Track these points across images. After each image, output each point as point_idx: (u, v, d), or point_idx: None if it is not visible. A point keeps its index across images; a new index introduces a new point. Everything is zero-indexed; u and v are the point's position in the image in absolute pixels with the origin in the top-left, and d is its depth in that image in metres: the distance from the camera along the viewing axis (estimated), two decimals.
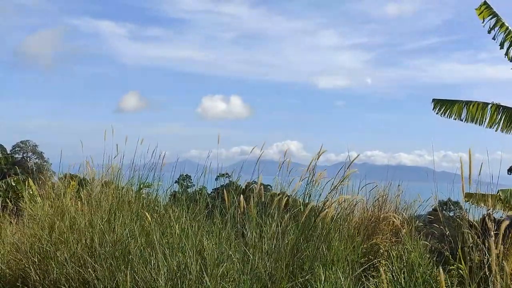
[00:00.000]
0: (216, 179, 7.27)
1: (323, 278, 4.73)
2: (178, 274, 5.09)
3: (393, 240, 6.12)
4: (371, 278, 5.23)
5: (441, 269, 3.42)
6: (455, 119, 11.25)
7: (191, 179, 8.02)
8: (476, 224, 4.97)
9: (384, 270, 5.20)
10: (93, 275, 5.81)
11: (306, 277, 4.91)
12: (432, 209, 7.49)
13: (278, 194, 5.59)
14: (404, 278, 5.02)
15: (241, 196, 5.62)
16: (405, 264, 5.30)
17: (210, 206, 6.54)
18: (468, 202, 6.09)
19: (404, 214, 6.59)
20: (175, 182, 8.09)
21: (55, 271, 6.49)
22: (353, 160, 5.29)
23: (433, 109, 11.49)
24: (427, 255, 5.49)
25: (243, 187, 6.65)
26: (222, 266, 5.05)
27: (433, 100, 11.62)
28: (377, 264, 5.37)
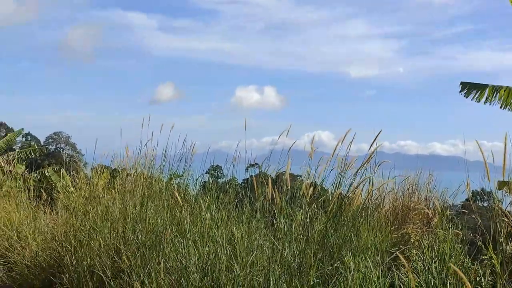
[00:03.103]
0: (246, 169, 7.33)
1: (352, 267, 4.77)
2: (209, 262, 5.19)
3: (424, 229, 6.12)
4: (401, 268, 5.24)
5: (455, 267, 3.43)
6: (485, 103, 11.06)
7: (221, 170, 8.10)
8: (509, 214, 4.96)
9: (414, 259, 5.24)
10: (127, 263, 5.95)
11: (335, 266, 4.96)
12: (465, 199, 7.45)
13: (307, 183, 5.64)
14: (435, 268, 5.02)
15: (271, 185, 5.67)
16: (436, 254, 5.30)
17: (240, 196, 6.62)
18: (502, 191, 6.05)
19: (435, 203, 6.57)
20: (205, 173, 8.18)
21: (88, 259, 6.67)
22: (375, 149, 5.28)
23: (460, 92, 11.33)
24: (459, 245, 5.47)
25: (273, 177, 6.71)
26: (252, 254, 5.12)
27: (461, 83, 11.46)
28: (408, 254, 5.38)
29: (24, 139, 66.94)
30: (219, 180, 8.83)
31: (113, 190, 7.81)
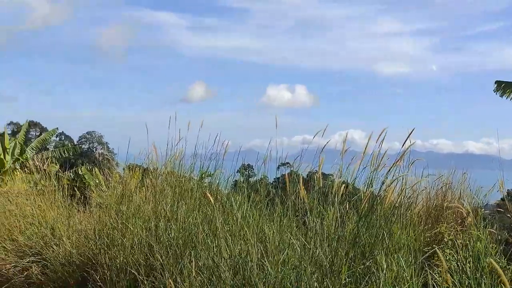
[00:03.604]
0: (278, 168, 7.35)
1: (384, 266, 4.75)
2: (240, 261, 5.22)
3: (458, 229, 6.06)
4: (435, 267, 5.20)
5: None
6: None
7: (252, 169, 8.14)
8: None
9: (448, 259, 5.19)
10: (160, 260, 6.02)
11: (367, 265, 4.94)
12: (500, 198, 7.35)
13: (339, 182, 5.63)
14: (469, 268, 4.97)
15: (302, 184, 5.68)
16: (470, 253, 5.24)
17: (271, 194, 6.64)
18: None
19: (469, 202, 6.50)
20: (236, 172, 8.23)
21: (121, 257, 6.76)
22: (407, 148, 5.26)
23: (494, 91, 11.17)
24: (493, 244, 5.41)
25: (304, 176, 6.71)
26: (283, 253, 5.14)
27: (496, 82, 11.30)
28: (439, 255, 5.34)
29: (58, 138, 68.22)
30: (250, 179, 8.87)
31: (145, 189, 7.90)
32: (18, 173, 15.17)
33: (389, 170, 5.42)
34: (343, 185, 5.56)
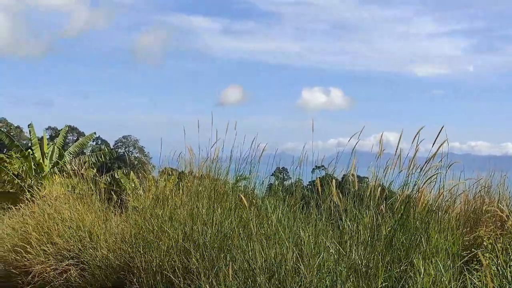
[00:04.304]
0: (312, 171, 7.32)
1: (422, 270, 4.71)
2: (275, 264, 5.23)
3: (497, 232, 5.96)
4: (474, 272, 5.13)
5: None
6: None
7: (287, 172, 8.13)
8: None
9: (488, 263, 5.10)
10: (196, 264, 6.06)
11: (403, 268, 4.90)
12: None
13: (374, 185, 5.60)
14: (510, 272, 4.89)
15: (336, 187, 5.66)
16: (511, 258, 5.16)
17: (306, 198, 6.63)
18: None
19: (509, 205, 6.38)
20: (271, 175, 8.23)
21: (157, 259, 6.82)
22: (437, 150, 5.20)
23: None
24: None
25: (339, 179, 6.68)
26: (319, 257, 5.13)
27: None
28: (480, 257, 5.26)
29: (95, 143, 69.32)
30: (285, 182, 8.87)
31: (180, 192, 7.95)
32: (57, 177, 15.43)
33: (421, 170, 5.37)
34: (379, 188, 5.52)
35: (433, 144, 5.41)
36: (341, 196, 5.68)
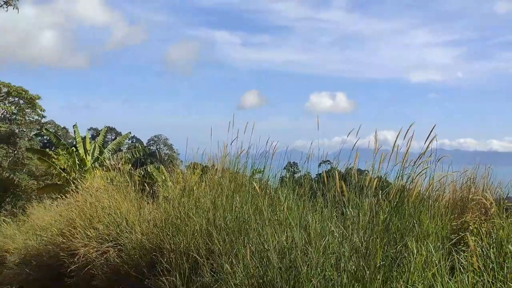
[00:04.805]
0: (319, 165, 7.34)
1: (415, 251, 4.73)
2: (286, 246, 5.26)
3: (482, 218, 5.94)
4: (461, 253, 5.13)
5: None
6: None
7: (297, 166, 8.15)
8: None
9: (474, 245, 5.10)
10: (218, 246, 6.12)
11: (398, 249, 4.92)
12: None
13: (372, 177, 5.61)
14: (493, 253, 4.89)
15: (338, 179, 5.69)
16: (494, 240, 5.15)
17: (313, 188, 6.65)
18: None
19: (492, 195, 6.35)
20: (283, 168, 8.26)
21: (184, 242, 6.89)
22: (427, 146, 5.21)
23: None
24: None
25: (343, 172, 6.70)
26: (324, 239, 5.16)
27: None
28: (467, 240, 5.26)
29: (130, 141, 69.69)
30: (295, 175, 8.89)
31: (204, 184, 8.00)
32: (97, 171, 15.58)
33: (414, 164, 5.37)
34: (376, 179, 5.54)
35: (426, 140, 5.42)
36: (344, 187, 5.70)
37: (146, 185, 10.33)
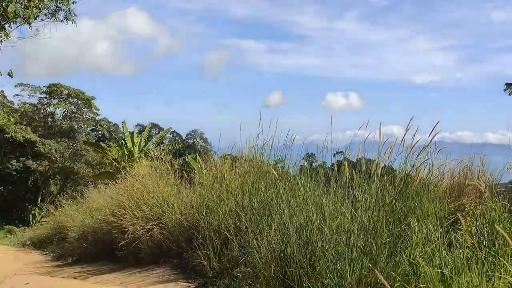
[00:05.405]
0: (334, 155, 7.27)
1: (416, 229, 4.66)
2: (304, 225, 5.25)
3: (476, 201, 5.84)
4: (457, 231, 5.05)
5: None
6: None
7: (314, 156, 8.09)
8: None
9: (469, 225, 5.01)
10: (245, 224, 6.14)
11: (402, 228, 4.86)
12: None
13: (378, 164, 5.54)
14: (486, 231, 4.80)
15: (347, 168, 5.64)
16: (487, 220, 5.06)
17: (328, 175, 6.61)
18: None
19: (486, 181, 6.24)
20: (302, 159, 8.22)
21: (216, 221, 6.93)
22: (431, 140, 5.12)
23: (504, 90, 10.65)
24: (506, 214, 5.19)
25: (353, 161, 6.63)
26: (337, 219, 5.13)
27: (506, 84, 10.79)
28: (463, 220, 5.17)
29: (171, 135, 70.30)
30: (312, 164, 8.83)
31: (233, 171, 8.02)
32: (143, 160, 15.74)
33: (419, 154, 5.29)
34: (381, 167, 5.47)
35: (429, 134, 5.33)
36: (354, 174, 5.65)
37: (184, 172, 10.38)
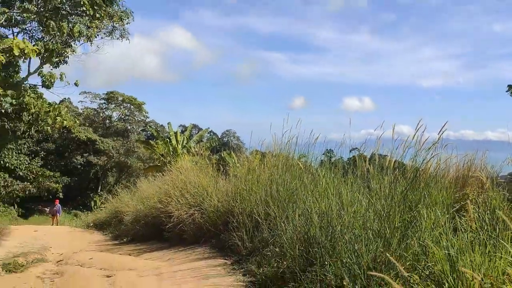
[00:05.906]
0: (350, 151, 7.20)
1: (425, 216, 4.58)
2: (325, 210, 5.22)
3: (479, 191, 5.68)
4: (462, 217, 4.93)
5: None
6: None
7: (333, 152, 8.01)
8: None
9: (472, 211, 4.88)
10: (274, 210, 6.14)
11: (413, 215, 4.77)
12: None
13: (391, 159, 5.45)
14: (487, 218, 4.67)
15: (363, 162, 5.58)
16: (488, 208, 4.92)
17: (345, 168, 6.54)
18: None
19: (487, 173, 6.05)
20: (322, 154, 8.16)
21: (248, 208, 6.95)
22: (439, 137, 4.99)
23: (506, 91, 10.27)
24: (505, 202, 5.05)
25: (368, 156, 6.54)
26: (354, 206, 5.08)
27: (508, 85, 10.40)
28: (467, 207, 5.04)
29: (209, 134, 70.83)
30: (331, 158, 8.75)
31: (263, 165, 8.03)
32: (186, 156, 15.95)
33: (429, 149, 5.17)
34: (393, 161, 5.38)
35: (439, 132, 5.20)
36: (369, 167, 5.58)
37: (220, 166, 10.45)
